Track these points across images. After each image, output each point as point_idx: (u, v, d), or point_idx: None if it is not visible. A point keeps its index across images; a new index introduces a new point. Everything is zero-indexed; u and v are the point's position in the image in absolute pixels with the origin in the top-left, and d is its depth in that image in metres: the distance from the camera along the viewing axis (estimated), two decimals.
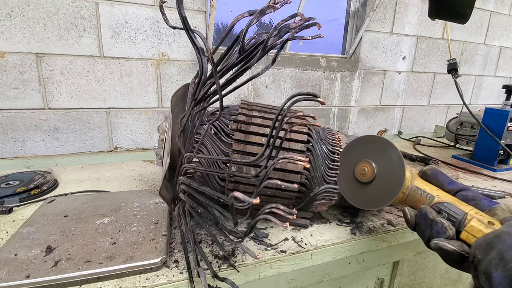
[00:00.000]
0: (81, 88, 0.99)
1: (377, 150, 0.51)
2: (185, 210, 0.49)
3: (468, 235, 0.38)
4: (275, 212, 0.36)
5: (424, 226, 0.42)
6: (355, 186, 0.53)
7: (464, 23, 0.96)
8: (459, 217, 0.40)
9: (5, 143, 0.95)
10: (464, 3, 0.91)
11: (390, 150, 0.49)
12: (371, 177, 0.50)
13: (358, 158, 0.53)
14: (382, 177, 0.50)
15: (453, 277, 0.83)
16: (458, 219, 0.40)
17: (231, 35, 1.01)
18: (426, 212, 0.41)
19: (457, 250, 0.37)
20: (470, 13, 0.92)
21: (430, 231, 0.41)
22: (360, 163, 0.52)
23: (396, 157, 0.48)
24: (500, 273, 0.33)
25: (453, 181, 0.45)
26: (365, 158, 0.52)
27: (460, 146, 1.28)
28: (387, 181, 0.49)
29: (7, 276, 0.41)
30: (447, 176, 0.46)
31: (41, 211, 0.59)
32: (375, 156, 0.51)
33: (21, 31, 0.89)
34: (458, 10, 0.93)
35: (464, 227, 0.39)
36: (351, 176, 0.54)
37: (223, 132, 0.56)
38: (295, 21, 0.40)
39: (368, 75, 1.48)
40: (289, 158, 0.39)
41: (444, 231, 0.39)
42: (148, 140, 1.13)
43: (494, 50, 1.81)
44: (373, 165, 0.50)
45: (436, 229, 0.40)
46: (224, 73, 0.44)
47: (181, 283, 0.45)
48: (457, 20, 0.97)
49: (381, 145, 0.51)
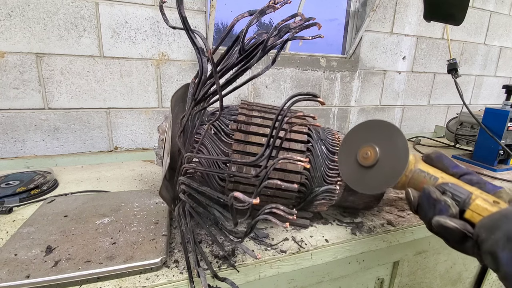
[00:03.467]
0: (81, 88, 0.99)
1: (381, 134, 0.50)
2: (185, 210, 0.49)
3: (473, 214, 0.37)
4: (275, 212, 0.36)
5: (427, 206, 0.40)
6: (357, 170, 0.52)
7: (458, 24, 0.96)
8: (463, 197, 0.38)
9: (5, 143, 0.95)
10: (457, 5, 0.92)
11: (394, 133, 0.48)
12: (374, 160, 0.49)
13: (361, 142, 0.52)
14: (385, 160, 0.48)
15: (453, 277, 0.83)
16: (462, 198, 0.38)
17: (231, 35, 1.01)
18: (430, 192, 0.40)
19: (459, 227, 0.36)
20: (464, 15, 0.93)
21: (433, 211, 0.39)
22: (363, 147, 0.51)
23: (401, 140, 0.47)
24: (507, 253, 0.32)
25: (457, 165, 0.44)
26: (368, 142, 0.50)
27: (460, 146, 1.28)
28: (390, 163, 0.47)
29: (7, 276, 0.41)
30: (451, 160, 0.45)
31: (41, 211, 0.59)
32: (378, 139, 0.50)
33: (21, 31, 0.89)
34: (452, 12, 0.94)
35: (469, 206, 0.38)
36: (354, 161, 0.52)
37: (223, 132, 0.56)
38: (295, 21, 0.40)
39: (368, 75, 1.48)
40: (289, 158, 0.39)
41: (447, 209, 0.38)
42: (148, 140, 1.13)
43: (494, 50, 1.81)
44: (376, 149, 0.49)
45: (439, 207, 0.39)
46: (224, 73, 0.44)
47: (181, 283, 0.45)
48: (451, 22, 0.98)
49: (386, 128, 0.50)
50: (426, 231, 0.40)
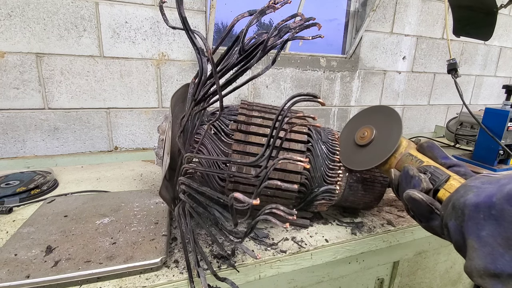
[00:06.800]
0: (81, 88, 0.99)
1: (381, 117, 0.54)
2: (185, 210, 0.49)
3: (445, 193, 0.38)
4: (275, 212, 0.36)
5: (405, 183, 0.42)
6: (352, 149, 0.56)
7: (486, 39, 1.04)
8: (441, 178, 0.40)
9: (5, 143, 0.95)
10: (485, 21, 0.97)
11: (393, 118, 0.52)
12: (369, 140, 0.53)
13: (361, 125, 0.56)
14: (379, 140, 0.52)
15: (453, 277, 0.83)
16: (440, 179, 0.39)
17: (231, 35, 1.01)
18: (408, 169, 0.41)
19: (425, 199, 0.37)
20: (492, 31, 1.00)
21: (409, 187, 0.40)
22: (361, 128, 0.55)
23: (396, 124, 0.51)
24: (453, 222, 0.33)
25: (447, 156, 0.45)
26: (367, 124, 0.55)
27: (460, 146, 1.28)
28: (383, 143, 0.51)
29: (7, 276, 0.41)
30: (442, 151, 0.47)
31: (41, 211, 0.59)
32: (377, 122, 0.54)
33: (21, 31, 0.89)
34: (480, 28, 1.01)
35: (444, 185, 0.39)
36: (351, 142, 0.56)
37: (223, 132, 0.56)
38: (295, 21, 0.40)
39: (368, 75, 1.48)
40: (289, 159, 0.39)
41: (419, 183, 0.39)
42: (148, 140, 1.13)
43: (494, 50, 1.81)
44: (373, 129, 0.53)
45: (413, 183, 0.40)
46: (224, 73, 0.44)
47: (181, 283, 0.45)
48: (479, 37, 1.05)
49: (386, 113, 0.54)
50: (426, 232, 0.41)
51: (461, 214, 0.31)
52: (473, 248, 0.29)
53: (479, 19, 1.01)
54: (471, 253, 0.30)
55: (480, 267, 0.28)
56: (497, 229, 0.28)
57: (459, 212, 0.32)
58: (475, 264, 0.29)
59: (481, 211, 0.29)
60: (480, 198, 0.30)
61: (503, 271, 0.26)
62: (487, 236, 0.28)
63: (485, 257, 0.28)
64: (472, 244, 0.30)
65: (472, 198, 0.31)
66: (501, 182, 0.30)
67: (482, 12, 1.00)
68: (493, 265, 0.27)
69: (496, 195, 0.29)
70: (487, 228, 0.28)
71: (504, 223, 0.27)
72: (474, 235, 0.29)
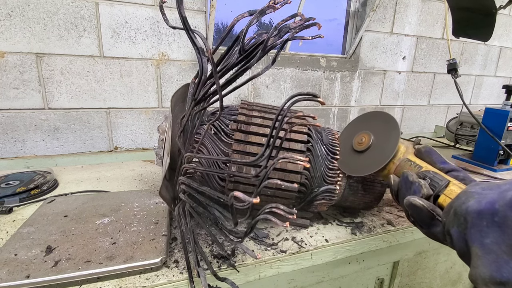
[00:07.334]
0: (81, 88, 0.99)
1: (379, 123, 0.54)
2: (185, 210, 0.49)
3: (445, 198, 0.38)
4: (275, 212, 0.36)
5: (404, 189, 0.41)
6: (350, 155, 0.56)
7: (486, 40, 1.04)
8: (441, 183, 0.39)
9: (5, 143, 0.95)
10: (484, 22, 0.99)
11: (391, 124, 0.52)
12: (367, 145, 0.52)
13: (358, 131, 0.56)
14: (376, 146, 0.52)
15: (453, 277, 0.83)
16: (440, 184, 0.39)
17: (231, 35, 1.01)
18: (407, 175, 0.41)
19: (426, 206, 0.37)
20: (491, 32, 1.00)
21: (409, 193, 0.40)
22: (359, 134, 0.55)
23: (394, 131, 0.51)
24: (455, 229, 0.32)
25: (446, 161, 0.45)
26: (364, 130, 0.55)
27: (460, 146, 1.28)
28: (380, 149, 0.51)
29: (7, 276, 0.41)
30: (440, 155, 0.46)
31: (41, 211, 0.59)
32: (374, 128, 0.54)
33: (21, 31, 0.89)
34: (480, 29, 1.01)
35: (444, 191, 0.38)
36: (349, 147, 0.56)
37: (223, 132, 0.56)
38: (295, 21, 0.40)
39: (368, 75, 1.48)
40: (289, 158, 0.39)
41: (419, 189, 0.39)
42: (148, 140, 1.13)
43: (494, 50, 1.81)
44: (371, 135, 0.53)
45: (413, 189, 0.40)
46: (224, 73, 0.44)
47: (181, 283, 0.45)
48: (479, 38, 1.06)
49: (384, 118, 0.54)
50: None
51: (463, 221, 0.31)
52: (477, 256, 0.29)
53: (478, 20, 1.02)
54: (475, 260, 0.29)
55: (485, 275, 0.28)
56: (501, 236, 0.27)
57: (461, 219, 0.31)
58: (480, 272, 0.28)
59: (484, 218, 0.29)
60: (482, 204, 0.30)
61: (509, 279, 0.26)
62: (491, 244, 0.28)
63: (490, 265, 0.28)
64: (476, 251, 0.29)
65: (474, 205, 0.31)
66: (502, 188, 0.30)
67: (481, 13, 1.01)
68: (498, 273, 0.27)
69: (498, 201, 0.28)
70: (490, 235, 0.28)
71: (508, 230, 0.27)
72: (478, 243, 0.29)
